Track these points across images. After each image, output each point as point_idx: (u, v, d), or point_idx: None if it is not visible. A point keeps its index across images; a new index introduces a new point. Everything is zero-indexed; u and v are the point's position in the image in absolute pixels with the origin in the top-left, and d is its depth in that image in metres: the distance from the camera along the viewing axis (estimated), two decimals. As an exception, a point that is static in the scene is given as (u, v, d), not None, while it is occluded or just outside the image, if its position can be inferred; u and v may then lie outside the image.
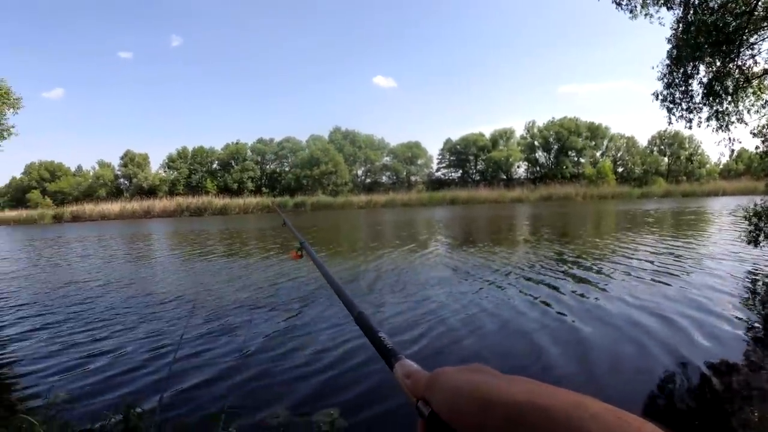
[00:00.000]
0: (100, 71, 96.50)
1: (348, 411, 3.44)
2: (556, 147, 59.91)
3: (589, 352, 4.51)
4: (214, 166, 60.27)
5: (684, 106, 9.60)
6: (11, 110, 12.96)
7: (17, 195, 58.74)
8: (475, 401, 0.38)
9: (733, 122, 9.20)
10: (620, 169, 60.27)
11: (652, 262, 9.14)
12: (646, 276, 7.88)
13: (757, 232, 8.34)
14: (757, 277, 7.65)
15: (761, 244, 8.20)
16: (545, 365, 4.23)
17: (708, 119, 9.37)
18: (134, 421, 3.03)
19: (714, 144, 18.68)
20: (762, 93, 9.21)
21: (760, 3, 8.39)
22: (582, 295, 6.71)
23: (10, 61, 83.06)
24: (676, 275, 7.86)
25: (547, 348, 4.65)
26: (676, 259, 9.49)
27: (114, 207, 49.87)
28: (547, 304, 6.29)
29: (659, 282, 7.38)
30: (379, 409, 3.47)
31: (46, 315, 6.86)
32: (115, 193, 57.31)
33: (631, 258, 9.76)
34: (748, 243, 8.51)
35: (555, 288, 7.25)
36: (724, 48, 8.55)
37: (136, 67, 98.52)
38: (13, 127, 13.04)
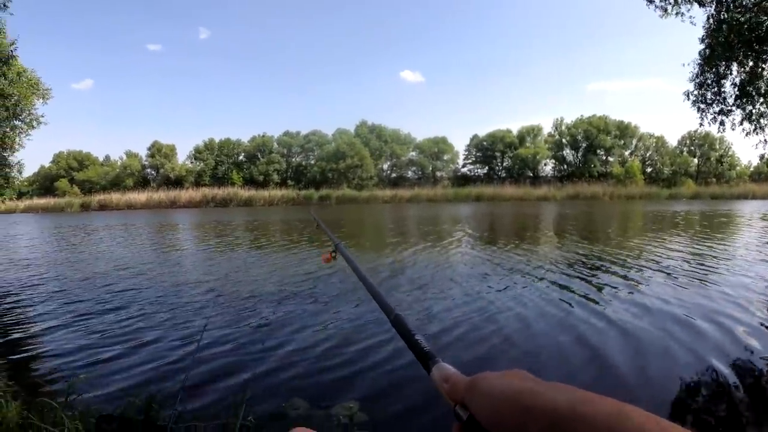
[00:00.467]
0: (129, 63, 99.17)
1: (368, 406, 3.47)
2: (584, 145, 58.96)
3: (638, 356, 4.36)
4: (240, 158, 60.61)
5: (716, 108, 9.47)
6: (40, 100, 13.21)
7: (45, 183, 59.66)
8: (516, 407, 0.38)
9: (766, 124, 9.07)
10: (649, 169, 59.19)
11: (689, 262, 8.94)
12: (689, 279, 7.57)
13: None
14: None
15: None
16: (596, 373, 4.04)
17: (741, 122, 9.25)
18: (155, 409, 3.08)
19: (750, 147, 18.40)
20: None
21: None
22: (623, 296, 6.53)
23: (42, 52, 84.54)
24: (717, 277, 7.61)
25: (595, 353, 4.48)
26: (713, 260, 9.18)
27: (140, 197, 50.42)
28: (592, 303, 6.16)
29: (707, 283, 7.19)
30: (399, 406, 3.49)
31: (71, 302, 6.92)
32: (142, 183, 57.94)
33: (670, 260, 9.40)
34: None
35: (599, 288, 7.06)
36: (757, 47, 8.34)
37: (164, 60, 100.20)
38: (42, 116, 13.27)
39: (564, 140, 60.41)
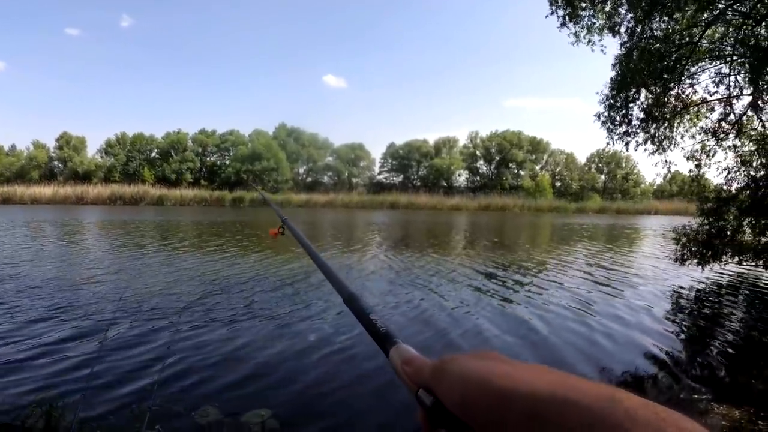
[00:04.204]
0: (45, 47, 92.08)
1: (280, 411, 3.46)
2: (497, 158, 61.14)
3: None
4: (153, 154, 58.62)
5: (623, 129, 10.12)
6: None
7: (-55, 172, 56.52)
8: (491, 393, 0.34)
9: (668, 146, 9.84)
10: (558, 184, 61.98)
11: (589, 271, 10.40)
12: (585, 284, 9.03)
13: (684, 251, 9.20)
14: (681, 292, 8.70)
15: (687, 263, 9.16)
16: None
17: (645, 142, 9.95)
18: (55, 418, 2.97)
19: (651, 165, 20.10)
20: (698, 120, 9.91)
21: (705, 35, 8.96)
22: (516, 301, 7.59)
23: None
24: (610, 288, 8.86)
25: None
26: (610, 272, 10.55)
27: (46, 191, 48.32)
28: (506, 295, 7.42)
29: (598, 291, 8.45)
30: (309, 410, 3.55)
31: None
32: (48, 176, 55.46)
33: (573, 268, 10.83)
34: (675, 261, 9.40)
35: (498, 293, 8.17)
36: (665, 75, 9.01)
37: (82, 46, 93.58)
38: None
39: (478, 152, 62.35)
